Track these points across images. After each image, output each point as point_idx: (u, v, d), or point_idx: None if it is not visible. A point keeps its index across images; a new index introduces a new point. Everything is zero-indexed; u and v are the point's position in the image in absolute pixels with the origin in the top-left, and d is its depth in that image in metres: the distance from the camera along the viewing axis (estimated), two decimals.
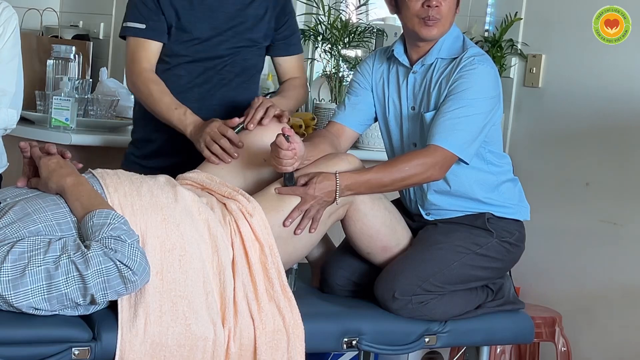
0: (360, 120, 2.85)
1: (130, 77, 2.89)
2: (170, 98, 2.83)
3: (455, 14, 2.70)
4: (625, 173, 3.54)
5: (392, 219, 2.68)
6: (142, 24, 2.87)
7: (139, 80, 2.86)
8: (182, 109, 2.80)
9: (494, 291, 2.74)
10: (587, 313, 3.62)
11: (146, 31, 2.87)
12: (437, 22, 2.64)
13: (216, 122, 2.71)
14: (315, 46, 4.36)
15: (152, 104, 2.84)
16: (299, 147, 2.49)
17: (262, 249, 2.43)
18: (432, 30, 2.65)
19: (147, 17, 2.87)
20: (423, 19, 2.64)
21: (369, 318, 2.58)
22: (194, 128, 2.75)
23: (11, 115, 2.91)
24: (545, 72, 3.82)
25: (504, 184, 2.77)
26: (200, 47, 2.92)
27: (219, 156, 2.65)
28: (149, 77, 2.86)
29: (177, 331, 2.25)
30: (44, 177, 2.34)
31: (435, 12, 2.63)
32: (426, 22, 2.64)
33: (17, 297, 2.10)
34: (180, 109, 2.80)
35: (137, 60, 2.88)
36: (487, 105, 2.64)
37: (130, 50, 2.90)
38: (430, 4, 2.62)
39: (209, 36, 2.92)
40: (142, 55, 2.88)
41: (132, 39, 2.89)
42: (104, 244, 2.14)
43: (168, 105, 2.81)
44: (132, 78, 2.88)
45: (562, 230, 3.72)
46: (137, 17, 2.88)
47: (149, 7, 2.87)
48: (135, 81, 2.87)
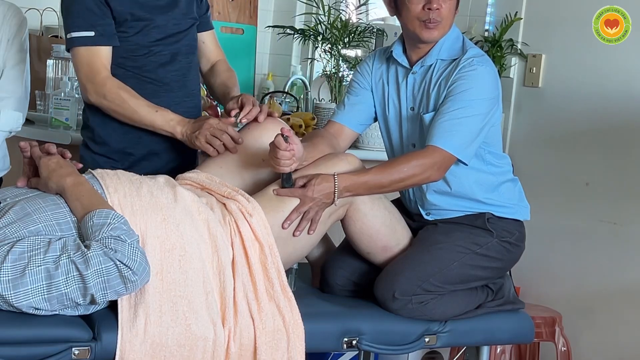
0: (359, 120, 2.85)
1: (94, 89, 2.72)
2: (146, 102, 2.74)
3: (455, 15, 2.71)
4: (625, 173, 3.54)
5: (392, 218, 2.68)
6: (90, 31, 2.71)
7: (106, 90, 2.71)
8: (163, 111, 2.73)
9: (494, 291, 2.74)
10: (587, 313, 3.62)
11: (96, 38, 2.72)
12: (438, 25, 2.64)
13: (212, 118, 2.70)
14: (315, 46, 4.37)
15: (129, 112, 2.73)
16: (298, 148, 2.49)
17: (262, 249, 2.43)
18: (433, 33, 2.65)
19: (93, 23, 2.72)
20: (424, 21, 2.64)
21: (369, 318, 2.58)
22: (184, 127, 2.71)
23: (17, 117, 2.91)
24: (545, 72, 3.82)
25: (504, 184, 2.77)
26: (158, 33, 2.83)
27: (219, 150, 2.65)
28: (115, 84, 2.73)
29: (177, 331, 2.25)
30: (44, 177, 2.34)
31: (436, 14, 2.63)
32: (427, 25, 2.64)
33: (17, 297, 2.10)
34: (162, 111, 2.73)
35: (97, 71, 2.72)
36: (486, 106, 2.63)
37: (85, 62, 2.73)
38: (431, 7, 2.61)
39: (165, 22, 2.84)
40: (100, 64, 2.73)
41: (83, 48, 2.72)
42: (104, 244, 2.14)
43: (147, 110, 2.72)
44: (98, 89, 2.72)
45: (562, 230, 3.72)
46: (82, 25, 2.71)
47: (94, 12, 2.72)
48: (101, 92, 2.72)
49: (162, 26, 2.82)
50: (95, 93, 2.73)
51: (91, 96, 2.74)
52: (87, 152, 2.87)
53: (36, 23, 4.20)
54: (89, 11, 2.72)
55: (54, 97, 3.34)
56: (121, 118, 2.75)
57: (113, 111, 2.75)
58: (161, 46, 2.82)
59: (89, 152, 2.87)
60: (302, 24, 4.61)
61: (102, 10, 2.73)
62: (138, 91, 2.75)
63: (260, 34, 4.68)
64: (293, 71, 4.83)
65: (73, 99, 3.33)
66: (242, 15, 4.59)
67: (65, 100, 3.33)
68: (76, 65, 2.76)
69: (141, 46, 2.80)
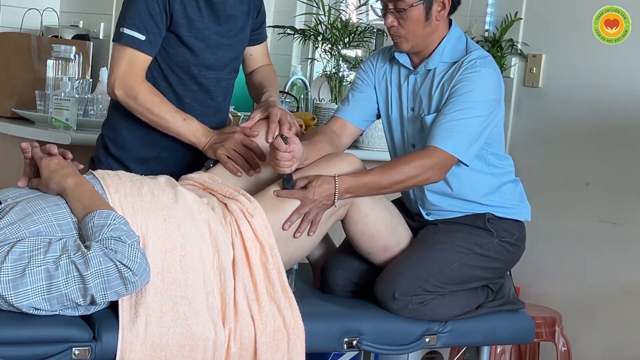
0: (363, 116, 2.85)
1: (126, 89, 2.70)
2: (175, 109, 2.73)
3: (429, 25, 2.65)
4: (625, 173, 3.54)
5: (392, 219, 2.68)
6: (142, 34, 2.69)
7: (139, 93, 2.69)
8: (190, 120, 2.72)
9: (494, 291, 2.74)
10: (587, 313, 3.62)
11: (144, 43, 2.70)
12: (401, 39, 2.66)
13: (238, 133, 2.67)
14: (315, 46, 4.37)
15: (156, 117, 2.71)
16: (297, 148, 2.49)
17: (262, 249, 2.43)
18: (400, 46, 2.68)
19: (149, 28, 2.69)
20: (391, 35, 2.67)
21: (369, 318, 2.58)
22: (208, 138, 2.71)
23: None
24: (545, 72, 3.82)
25: (506, 185, 2.77)
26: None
27: (244, 169, 2.64)
28: (149, 89, 2.72)
29: (178, 331, 2.25)
30: (45, 178, 2.34)
31: (394, 31, 2.66)
32: (393, 39, 2.67)
33: (18, 297, 2.10)
34: (189, 120, 2.72)
35: (134, 73, 2.70)
36: (488, 107, 2.63)
37: (127, 60, 2.70)
38: (386, 24, 2.65)
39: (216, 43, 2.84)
40: (139, 67, 2.71)
41: (129, 48, 2.70)
42: (104, 245, 2.14)
43: (175, 118, 2.71)
44: (129, 91, 2.70)
45: (562, 230, 3.72)
46: (138, 25, 2.68)
47: (155, 17, 2.69)
48: (132, 94, 2.70)
49: (202, 62, 2.80)
50: (125, 93, 2.70)
51: (118, 92, 2.70)
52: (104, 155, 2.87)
53: (36, 23, 4.21)
54: (149, 14, 2.68)
55: (54, 97, 3.33)
56: (147, 121, 2.74)
57: (140, 113, 2.73)
58: (195, 72, 2.80)
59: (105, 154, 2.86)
60: (302, 24, 4.62)
61: (161, 18, 2.70)
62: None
63: None
64: (293, 71, 4.84)
65: (73, 99, 3.33)
66: None
67: (65, 100, 3.32)
68: (116, 60, 2.72)
69: (176, 65, 2.79)
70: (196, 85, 2.82)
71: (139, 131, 2.80)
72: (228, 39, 2.83)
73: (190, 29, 2.74)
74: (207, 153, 2.70)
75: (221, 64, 2.84)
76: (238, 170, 2.64)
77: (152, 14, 2.69)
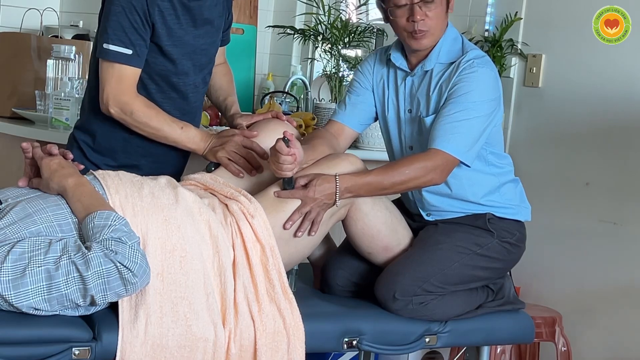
0: (360, 119, 2.85)
1: (120, 106, 2.66)
2: (171, 118, 2.72)
3: (446, 17, 2.69)
4: (625, 173, 3.54)
5: (393, 219, 2.68)
6: (129, 49, 2.64)
7: (134, 109, 2.66)
8: (187, 127, 2.72)
9: (494, 291, 2.74)
10: (587, 313, 3.62)
11: (132, 57, 2.65)
12: (426, 34, 2.65)
13: (237, 135, 2.68)
14: (315, 46, 4.37)
15: (153, 130, 2.70)
16: (299, 152, 2.49)
17: (263, 250, 2.43)
18: (421, 42, 2.66)
19: (134, 41, 2.65)
20: (411, 32, 2.64)
21: (369, 318, 2.58)
22: (207, 143, 2.70)
23: None
24: (545, 72, 3.82)
25: (505, 185, 2.77)
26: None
27: (246, 170, 2.64)
28: (143, 103, 2.69)
29: (178, 332, 2.25)
30: (46, 178, 2.34)
31: (422, 25, 2.63)
32: (414, 36, 2.65)
33: (18, 297, 2.10)
34: (186, 128, 2.72)
35: (125, 89, 2.66)
36: (487, 108, 2.63)
37: (116, 77, 2.66)
38: (415, 19, 2.62)
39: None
40: (129, 82, 2.67)
41: (117, 64, 2.65)
42: (105, 246, 2.14)
43: (172, 127, 2.70)
44: (124, 107, 2.66)
45: (562, 230, 3.72)
46: (123, 40, 2.63)
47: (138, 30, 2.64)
48: (128, 109, 2.66)
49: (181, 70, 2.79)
50: (120, 110, 2.67)
51: (113, 110, 2.67)
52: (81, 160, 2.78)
53: (36, 23, 4.20)
54: (132, 27, 2.64)
55: (54, 97, 3.34)
56: (144, 134, 2.72)
57: (137, 128, 2.71)
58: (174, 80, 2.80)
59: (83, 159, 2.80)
60: (302, 24, 4.61)
61: (145, 29, 2.66)
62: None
63: (261, 34, 4.67)
64: (293, 71, 4.83)
65: (73, 99, 3.33)
66: (242, 15, 4.59)
67: (65, 100, 3.33)
68: (105, 77, 2.68)
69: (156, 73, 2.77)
70: (175, 92, 2.80)
71: (118, 139, 2.78)
72: (205, 41, 2.82)
73: (170, 37, 2.72)
74: (208, 157, 2.70)
75: (197, 69, 2.83)
76: (240, 171, 2.64)
77: (135, 27, 2.65)
